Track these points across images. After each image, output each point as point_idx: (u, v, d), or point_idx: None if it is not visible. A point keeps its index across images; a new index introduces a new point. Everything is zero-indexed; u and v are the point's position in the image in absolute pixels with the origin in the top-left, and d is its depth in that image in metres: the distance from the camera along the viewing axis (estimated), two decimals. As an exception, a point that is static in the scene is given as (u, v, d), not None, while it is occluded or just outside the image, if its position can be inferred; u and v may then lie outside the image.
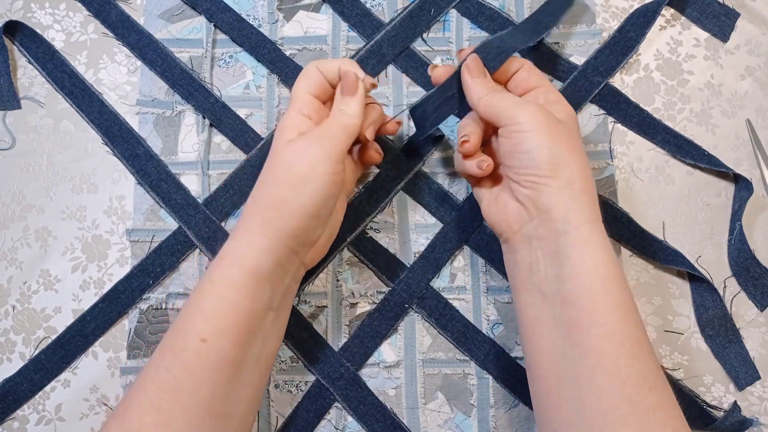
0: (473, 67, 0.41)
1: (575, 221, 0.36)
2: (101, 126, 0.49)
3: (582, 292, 0.35)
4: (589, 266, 0.35)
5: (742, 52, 0.51)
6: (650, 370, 0.34)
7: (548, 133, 0.37)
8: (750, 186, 0.47)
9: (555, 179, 0.37)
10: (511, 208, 0.39)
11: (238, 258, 0.37)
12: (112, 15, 0.51)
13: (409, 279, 0.46)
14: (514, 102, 0.39)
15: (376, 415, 0.45)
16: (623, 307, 0.35)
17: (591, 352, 0.34)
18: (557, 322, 0.36)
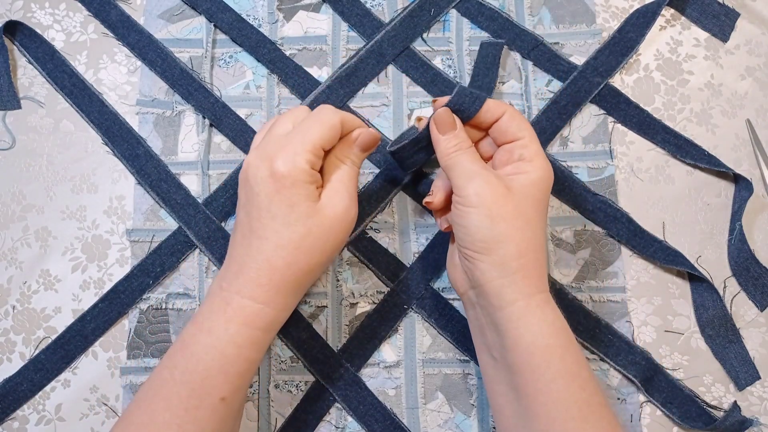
0: (440, 122, 0.40)
1: (508, 298, 0.36)
2: (101, 126, 0.49)
3: (523, 363, 0.36)
4: (526, 340, 0.36)
5: (742, 52, 0.51)
6: (600, 426, 0.35)
7: (488, 212, 0.36)
8: (750, 186, 0.47)
9: (488, 257, 0.37)
10: (459, 270, 0.40)
11: (267, 322, 0.37)
12: (112, 15, 0.51)
13: (409, 279, 0.46)
14: (467, 171, 0.38)
15: (376, 416, 0.45)
16: (566, 375, 0.35)
17: (540, 417, 0.35)
18: (509, 385, 0.37)
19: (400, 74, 0.50)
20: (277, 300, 0.37)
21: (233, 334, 0.36)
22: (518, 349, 0.36)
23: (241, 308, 0.37)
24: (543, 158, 0.39)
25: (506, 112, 0.40)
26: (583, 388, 0.36)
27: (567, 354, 0.36)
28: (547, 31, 0.51)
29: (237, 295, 0.37)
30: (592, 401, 0.36)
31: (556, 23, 0.51)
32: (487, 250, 0.37)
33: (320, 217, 0.37)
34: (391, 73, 0.50)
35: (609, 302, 0.46)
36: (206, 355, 0.36)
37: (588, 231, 0.48)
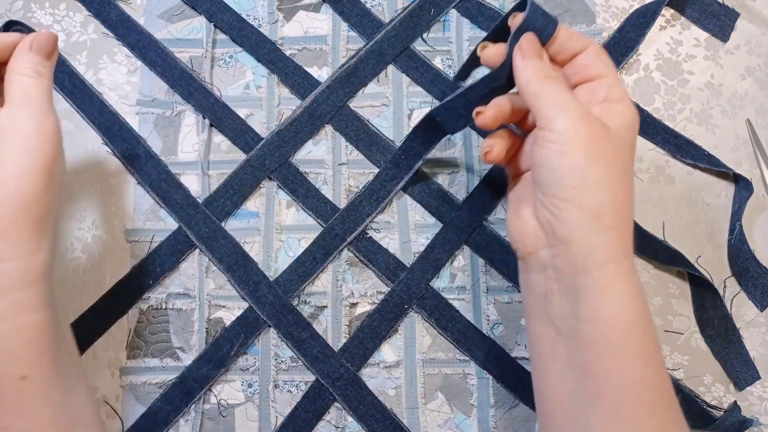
0: (526, 48, 0.34)
1: (598, 259, 0.31)
2: (101, 126, 0.49)
3: (599, 338, 0.31)
4: (609, 312, 0.31)
5: (742, 52, 0.51)
6: (669, 417, 0.32)
7: (585, 153, 0.31)
8: (750, 186, 0.47)
9: (581, 209, 0.31)
10: (529, 225, 0.35)
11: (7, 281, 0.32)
12: (112, 15, 0.51)
13: (409, 279, 0.46)
14: (560, 102, 0.32)
15: (376, 415, 0.45)
16: (645, 357, 0.31)
17: (605, 399, 0.31)
18: (571, 362, 0.33)
19: (400, 74, 0.50)
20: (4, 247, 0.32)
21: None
22: (597, 321, 0.31)
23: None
24: (630, 101, 0.34)
25: (591, 45, 0.35)
26: (658, 372, 0.32)
27: (648, 333, 0.32)
28: (547, 31, 0.51)
29: None
30: (664, 388, 0.32)
31: (556, 23, 0.51)
32: (581, 199, 0.31)
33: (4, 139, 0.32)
34: (391, 73, 0.50)
35: (609, 302, 0.46)
36: None
37: (588, 231, 0.48)
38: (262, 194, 0.48)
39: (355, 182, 0.48)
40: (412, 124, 0.49)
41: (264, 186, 0.48)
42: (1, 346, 0.32)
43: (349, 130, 0.49)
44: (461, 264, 0.47)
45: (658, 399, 0.32)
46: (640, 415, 0.31)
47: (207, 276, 0.47)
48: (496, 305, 0.47)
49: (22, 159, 0.32)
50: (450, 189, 0.48)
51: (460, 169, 0.49)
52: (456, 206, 0.48)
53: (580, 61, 0.35)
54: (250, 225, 0.48)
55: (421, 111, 0.50)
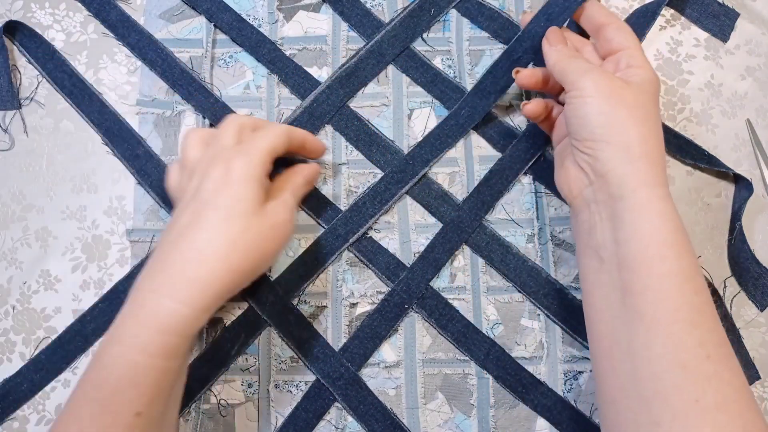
0: (552, 37, 0.42)
1: (631, 185, 0.35)
2: (101, 126, 0.49)
3: (636, 256, 0.34)
4: (644, 231, 0.35)
5: (742, 52, 0.51)
6: (709, 338, 0.33)
7: (606, 100, 0.37)
8: (750, 186, 0.47)
9: (610, 144, 0.36)
10: (572, 173, 0.40)
11: (184, 327, 0.34)
12: (112, 15, 0.51)
13: (409, 279, 0.46)
14: (581, 68, 0.39)
15: (376, 415, 0.44)
16: (680, 274, 0.34)
17: (644, 316, 0.34)
18: (613, 286, 0.36)
19: (400, 74, 0.50)
20: (198, 300, 0.34)
21: (144, 342, 0.33)
22: (633, 240, 0.35)
23: (155, 310, 0.34)
24: (651, 66, 0.40)
25: (613, 21, 0.42)
26: (697, 293, 0.34)
27: (683, 254, 0.34)
28: (547, 31, 0.51)
29: (154, 294, 0.34)
30: (705, 309, 0.34)
31: (556, 23, 0.51)
32: (609, 136, 0.36)
33: (263, 217, 0.37)
34: (391, 73, 0.50)
35: (609, 302, 0.46)
36: (115, 367, 0.33)
37: (588, 231, 0.48)
38: (262, 194, 0.48)
39: (355, 182, 0.48)
40: (412, 124, 0.49)
41: (264, 186, 0.48)
42: (134, 379, 0.33)
43: (349, 130, 0.49)
44: (461, 264, 0.47)
45: (697, 317, 0.33)
46: (677, 330, 0.33)
47: (207, 276, 0.47)
48: (496, 305, 0.47)
49: (260, 238, 0.36)
50: (450, 189, 0.48)
51: (460, 169, 0.49)
52: (456, 206, 0.48)
53: (605, 35, 0.42)
54: (250, 225, 0.48)
55: (421, 111, 0.50)
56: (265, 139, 0.39)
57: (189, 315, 0.34)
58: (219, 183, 0.36)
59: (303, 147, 0.43)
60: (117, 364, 0.33)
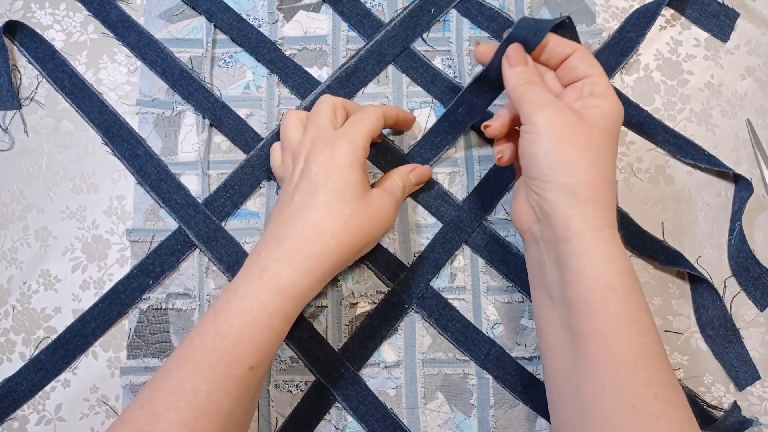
0: (513, 57, 0.40)
1: (576, 229, 0.35)
2: (101, 126, 0.49)
3: (582, 300, 0.35)
4: (589, 275, 0.35)
5: (742, 52, 0.51)
6: (657, 378, 0.33)
7: (558, 139, 0.36)
8: (750, 186, 0.47)
9: (557, 185, 0.36)
10: (523, 207, 0.39)
11: (300, 292, 0.38)
12: (112, 15, 0.51)
13: (409, 279, 0.46)
14: (537, 100, 0.37)
15: (376, 415, 0.44)
16: (626, 317, 0.34)
17: (592, 358, 0.34)
18: (563, 325, 0.36)
19: (400, 74, 0.50)
20: (314, 271, 0.38)
21: (266, 302, 0.37)
22: (579, 283, 0.35)
23: (277, 275, 0.37)
24: (613, 94, 0.38)
25: (577, 50, 0.40)
26: (643, 334, 0.34)
27: (629, 296, 0.35)
28: (547, 31, 0.51)
29: (276, 262, 0.38)
30: (651, 350, 0.34)
31: (556, 23, 0.51)
32: (556, 177, 0.36)
33: (369, 203, 0.40)
34: (391, 73, 0.50)
35: (609, 302, 0.46)
36: (238, 321, 0.36)
37: (588, 231, 0.48)
38: (262, 194, 0.48)
39: (355, 182, 0.48)
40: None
41: (264, 186, 0.48)
42: (253, 335, 0.36)
43: (349, 130, 0.49)
44: (461, 264, 0.47)
45: (643, 359, 0.34)
46: (624, 372, 0.33)
47: (207, 276, 0.47)
48: (496, 305, 0.47)
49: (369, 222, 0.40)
50: (450, 189, 0.48)
51: (460, 169, 0.49)
52: (456, 206, 0.48)
53: (569, 64, 0.40)
54: (250, 225, 0.48)
55: (421, 111, 0.50)
56: (364, 124, 0.41)
57: (305, 283, 0.38)
58: (327, 167, 0.39)
59: (396, 123, 0.46)
60: (240, 319, 0.36)
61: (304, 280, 0.38)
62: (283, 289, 0.37)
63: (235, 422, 0.37)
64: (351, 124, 0.41)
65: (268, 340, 0.37)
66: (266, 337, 0.37)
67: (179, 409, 0.35)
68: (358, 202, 0.39)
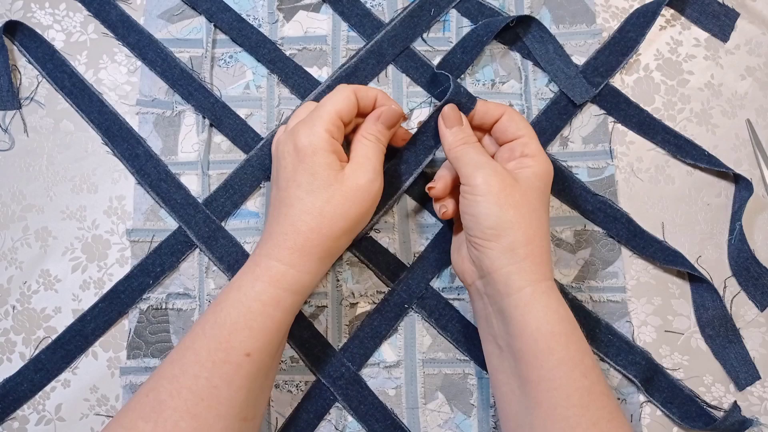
0: (448, 116, 0.42)
1: (516, 285, 0.37)
2: (101, 126, 0.49)
3: (528, 350, 0.37)
4: (531, 326, 0.37)
5: (742, 52, 0.51)
6: (601, 415, 0.36)
7: (496, 200, 0.38)
8: (750, 186, 0.47)
9: (497, 244, 0.38)
10: (466, 262, 0.41)
11: (291, 283, 0.38)
12: (112, 15, 0.51)
13: (409, 279, 0.46)
14: (475, 162, 0.40)
15: (377, 415, 0.44)
16: (569, 362, 0.36)
17: (542, 404, 0.36)
18: (513, 373, 0.38)
19: (400, 74, 0.50)
20: (302, 263, 0.39)
21: (259, 291, 0.38)
22: (523, 335, 0.37)
23: (267, 268, 0.38)
24: (543, 154, 0.41)
25: (505, 113, 0.43)
26: (586, 375, 0.36)
27: (570, 342, 0.37)
28: (547, 31, 0.51)
29: (265, 257, 0.39)
30: (594, 389, 0.36)
31: (556, 23, 0.51)
32: (496, 237, 0.38)
33: (343, 185, 0.39)
34: (391, 73, 0.50)
35: (609, 302, 0.46)
36: (233, 309, 0.38)
37: (588, 231, 0.48)
38: (262, 194, 0.48)
39: (355, 182, 0.48)
40: (412, 124, 0.49)
41: (264, 186, 0.48)
42: (248, 323, 0.37)
43: (349, 130, 0.49)
44: (461, 264, 0.47)
45: (587, 399, 0.36)
46: (572, 415, 0.35)
47: (207, 276, 0.47)
48: (496, 305, 0.47)
49: (345, 205, 0.39)
50: (450, 189, 0.48)
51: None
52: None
53: (499, 127, 0.43)
54: (250, 225, 0.48)
55: (421, 111, 0.50)
56: (326, 106, 0.40)
57: (295, 275, 0.39)
58: (293, 158, 0.40)
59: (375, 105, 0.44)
60: (235, 307, 0.38)
61: (293, 272, 0.38)
62: (274, 281, 0.38)
63: (236, 412, 0.37)
64: (316, 108, 0.41)
65: (265, 328, 0.38)
66: (261, 324, 0.38)
67: (182, 395, 0.36)
68: (328, 189, 0.39)
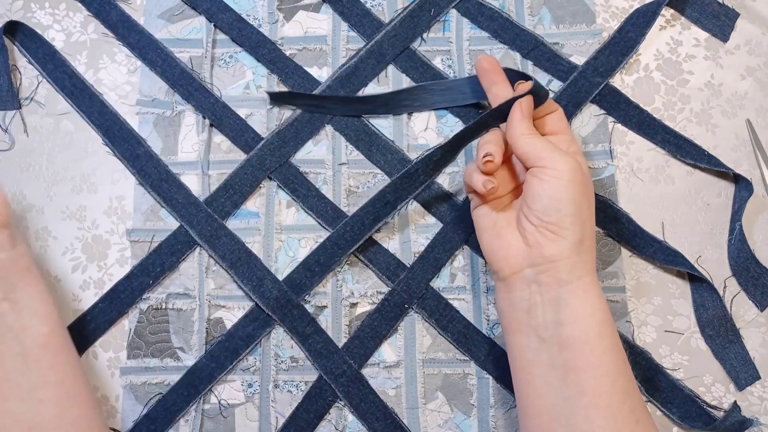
0: (526, 107, 0.41)
1: (578, 273, 0.38)
2: (101, 126, 0.49)
3: (580, 336, 0.37)
4: (587, 313, 0.37)
5: (742, 52, 0.51)
6: (637, 404, 0.37)
7: (580, 189, 0.38)
8: (750, 186, 0.47)
9: (572, 233, 0.38)
10: (514, 248, 0.39)
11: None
12: (112, 15, 0.51)
13: (409, 279, 0.46)
14: (555, 149, 0.39)
15: (377, 414, 0.44)
16: (615, 349, 0.37)
17: (588, 390, 0.36)
18: (553, 364, 0.38)
19: (400, 74, 0.50)
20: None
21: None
22: (577, 322, 0.37)
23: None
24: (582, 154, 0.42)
25: (559, 109, 0.43)
26: (626, 362, 0.38)
27: (615, 330, 0.38)
28: (547, 31, 0.51)
29: None
30: (632, 377, 0.38)
31: (556, 23, 0.51)
32: (573, 226, 0.38)
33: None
34: (391, 73, 0.50)
35: (609, 302, 0.46)
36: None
37: (588, 231, 0.48)
38: (262, 194, 0.48)
39: (355, 182, 0.48)
40: (412, 124, 0.49)
41: (264, 186, 0.48)
42: None
43: (349, 130, 0.49)
44: (461, 264, 0.47)
45: (629, 386, 0.37)
46: (615, 402, 0.36)
47: (207, 276, 0.47)
48: (496, 305, 0.47)
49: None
50: (450, 189, 0.48)
51: (460, 169, 0.49)
52: (456, 206, 0.48)
53: (550, 118, 0.43)
54: (250, 225, 0.48)
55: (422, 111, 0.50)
56: None
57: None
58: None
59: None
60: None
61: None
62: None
63: None
64: None
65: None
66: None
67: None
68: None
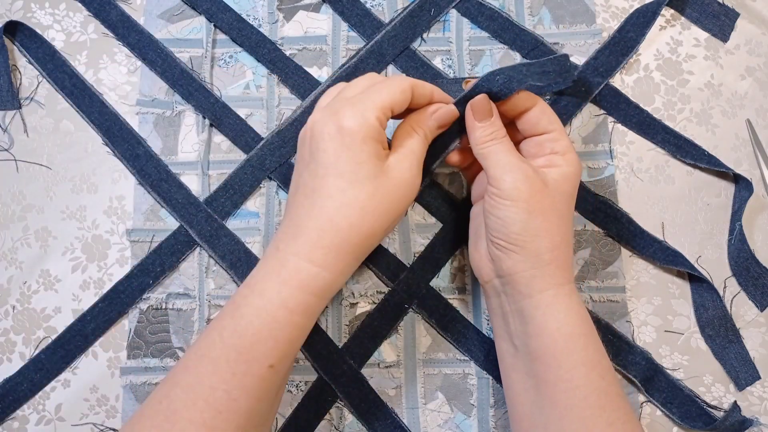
0: (478, 109, 0.39)
1: (538, 287, 0.37)
2: (101, 126, 0.49)
3: (546, 351, 0.36)
4: (551, 327, 0.36)
5: (742, 52, 0.51)
6: (616, 416, 0.36)
7: (526, 207, 0.36)
8: (750, 186, 0.47)
9: (523, 249, 0.37)
10: (485, 259, 0.40)
11: (322, 287, 0.35)
12: (112, 15, 0.51)
13: (409, 279, 0.46)
14: (504, 163, 0.37)
15: (377, 414, 0.45)
16: (587, 364, 0.36)
17: (558, 404, 0.36)
18: (528, 373, 0.38)
19: (400, 74, 0.50)
20: (336, 264, 0.35)
21: (286, 298, 0.35)
22: (542, 336, 0.36)
23: (297, 271, 0.35)
24: (574, 152, 0.39)
25: (537, 104, 0.40)
26: (603, 377, 0.36)
27: (589, 343, 0.37)
28: (547, 31, 0.51)
29: (294, 256, 0.35)
30: (611, 391, 0.36)
31: (556, 23, 0.51)
32: (522, 243, 0.37)
33: (388, 178, 0.36)
34: (391, 73, 0.50)
35: (609, 302, 0.46)
36: (257, 318, 0.34)
37: (588, 231, 0.48)
38: (262, 194, 0.48)
39: (355, 182, 0.48)
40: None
41: (264, 186, 0.48)
42: (273, 333, 0.34)
43: (349, 130, 0.49)
44: (461, 264, 0.47)
45: (604, 400, 0.36)
46: (589, 415, 0.35)
47: (207, 276, 0.47)
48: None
49: (388, 200, 0.36)
50: (450, 189, 0.48)
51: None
52: (456, 206, 0.48)
53: (529, 118, 0.40)
54: (251, 225, 0.48)
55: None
56: (380, 95, 0.36)
57: (327, 277, 0.35)
58: (336, 144, 0.35)
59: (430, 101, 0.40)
60: (259, 316, 0.34)
61: (325, 274, 0.35)
62: (303, 285, 0.35)
63: (256, 420, 0.35)
64: (367, 92, 0.37)
65: (290, 337, 0.35)
66: (287, 334, 0.35)
67: (197, 407, 0.33)
68: (374, 181, 0.35)
